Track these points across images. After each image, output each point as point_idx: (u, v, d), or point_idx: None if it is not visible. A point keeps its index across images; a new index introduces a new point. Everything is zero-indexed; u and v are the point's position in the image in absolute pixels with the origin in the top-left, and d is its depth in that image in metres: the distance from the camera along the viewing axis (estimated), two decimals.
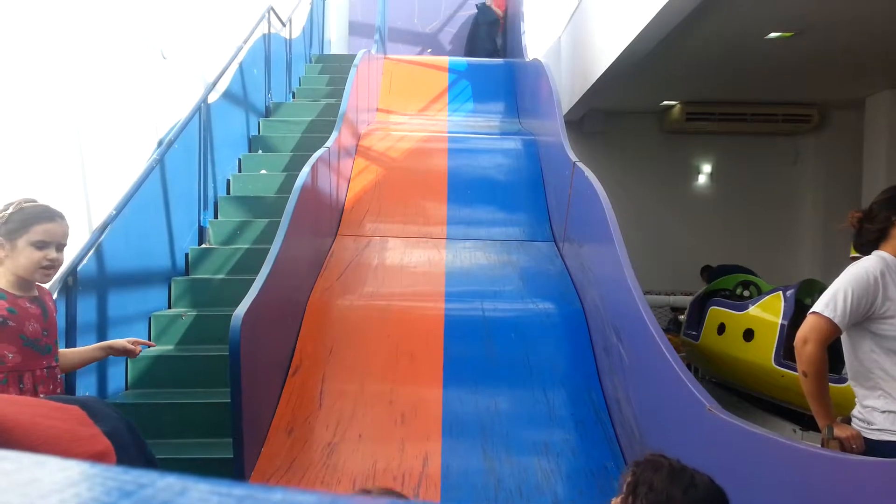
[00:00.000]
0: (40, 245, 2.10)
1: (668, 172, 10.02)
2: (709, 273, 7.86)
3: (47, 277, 2.18)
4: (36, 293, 2.23)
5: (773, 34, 6.33)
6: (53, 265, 2.16)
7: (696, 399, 2.35)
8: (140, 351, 2.46)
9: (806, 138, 9.78)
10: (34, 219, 2.10)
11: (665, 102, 9.46)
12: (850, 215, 2.40)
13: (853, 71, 7.52)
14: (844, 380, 3.29)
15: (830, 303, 2.21)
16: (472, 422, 3.26)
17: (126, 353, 2.44)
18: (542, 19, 10.93)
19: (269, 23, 6.79)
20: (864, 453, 2.17)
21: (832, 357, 2.35)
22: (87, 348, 2.51)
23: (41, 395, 2.15)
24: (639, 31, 6.04)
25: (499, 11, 9.66)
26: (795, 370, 2.45)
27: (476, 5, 9.90)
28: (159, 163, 4.30)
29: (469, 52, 9.62)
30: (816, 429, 2.37)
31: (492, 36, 9.52)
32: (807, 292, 4.94)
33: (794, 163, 9.91)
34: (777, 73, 7.73)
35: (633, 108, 9.59)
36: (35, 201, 2.18)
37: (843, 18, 5.83)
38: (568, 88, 8.98)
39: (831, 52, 6.78)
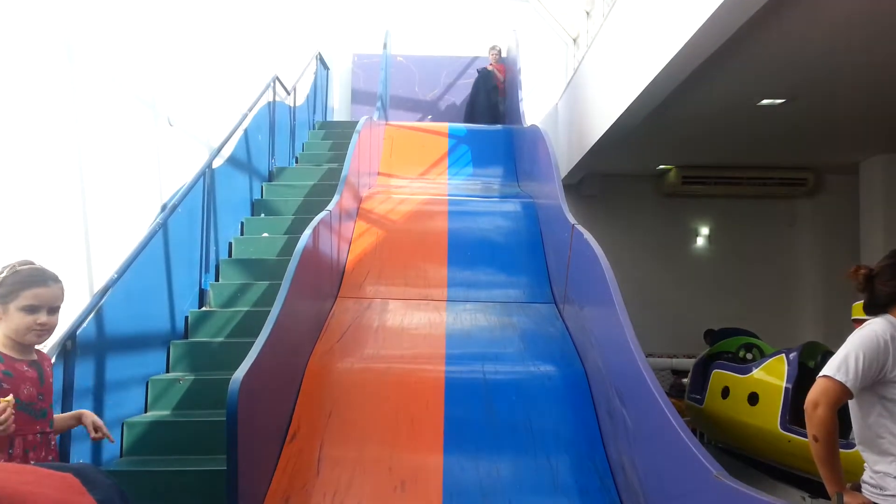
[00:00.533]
0: (30, 309, 2.11)
1: (667, 235, 10.10)
2: (712, 337, 7.81)
3: (41, 339, 2.18)
4: (34, 357, 2.22)
5: (764, 101, 6.50)
6: (45, 328, 2.15)
7: (702, 465, 2.31)
8: (97, 438, 2.36)
9: (802, 201, 9.90)
10: (25, 283, 2.12)
11: (661, 166, 9.62)
12: (856, 270, 2.40)
13: (845, 136, 7.69)
14: (852, 445, 3.24)
15: (842, 366, 2.19)
16: (474, 489, 3.18)
17: (89, 431, 2.38)
18: (539, 86, 11.24)
19: (275, 91, 6.98)
20: None
21: (840, 422, 2.31)
22: (63, 415, 2.45)
23: (32, 462, 2.11)
24: (633, 98, 6.21)
25: (500, 76, 9.89)
26: (802, 435, 2.42)
27: (477, 70, 10.12)
28: (162, 226, 4.34)
29: (469, 117, 9.78)
30: (826, 496, 2.31)
31: (492, 101, 9.71)
32: (809, 355, 4.91)
33: (790, 225, 10.00)
34: (770, 139, 7.90)
35: (629, 172, 9.75)
36: (31, 263, 2.18)
37: (832, 86, 6.00)
38: (565, 153, 9.15)
39: (822, 117, 6.94)
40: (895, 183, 8.14)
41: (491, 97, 9.62)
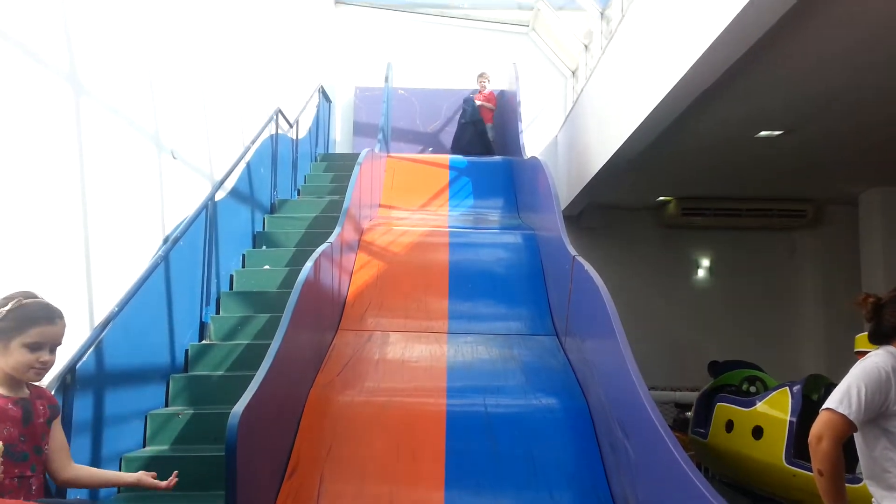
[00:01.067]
0: (34, 347, 2.04)
1: (667, 266, 10.10)
2: (715, 369, 7.76)
3: (38, 377, 2.11)
4: (25, 394, 2.11)
5: (762, 132, 6.55)
6: (46, 367, 2.10)
7: (707, 500, 2.27)
8: (169, 486, 2.30)
9: (802, 232, 9.92)
10: (33, 320, 2.05)
11: (661, 198, 9.67)
12: (864, 298, 2.40)
13: (844, 168, 7.73)
14: (859, 479, 3.19)
15: (844, 399, 2.18)
16: None
17: (154, 488, 2.33)
18: (539, 119, 11.35)
19: (277, 124, 7.05)
20: None
21: (846, 455, 2.29)
22: (112, 473, 2.42)
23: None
24: (632, 130, 6.27)
25: (488, 105, 9.71)
26: (807, 469, 2.39)
27: (464, 100, 9.85)
28: (164, 259, 4.35)
29: (456, 148, 9.52)
30: None
31: (479, 133, 9.46)
32: (813, 388, 4.87)
33: (790, 257, 10.00)
34: (769, 170, 7.94)
35: (629, 204, 9.79)
36: (35, 297, 2.12)
37: (830, 118, 6.06)
38: (565, 184, 9.20)
39: (820, 149, 6.99)
40: (895, 215, 8.17)
41: (478, 126, 9.51)
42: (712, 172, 8.11)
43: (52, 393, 2.72)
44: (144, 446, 4.05)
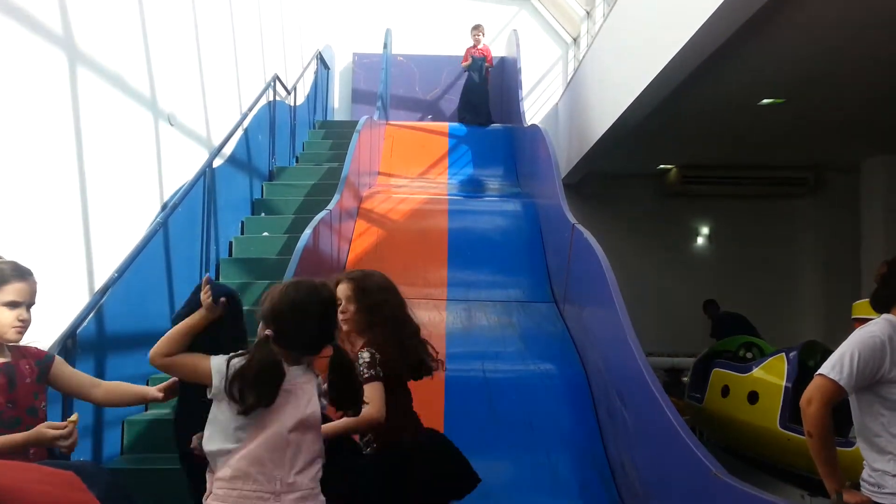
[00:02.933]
0: (12, 305, 2.04)
1: (667, 234, 10.09)
2: (712, 308, 7.79)
3: (19, 335, 2.09)
4: (8, 359, 2.08)
5: (765, 100, 6.50)
6: (26, 324, 2.09)
7: (701, 464, 2.31)
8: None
9: (803, 201, 9.90)
10: (5, 279, 2.04)
11: (662, 166, 9.62)
12: (879, 269, 2.41)
13: (845, 136, 7.68)
14: (852, 443, 3.24)
15: (837, 365, 2.21)
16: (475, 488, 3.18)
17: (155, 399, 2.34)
18: (539, 87, 11.24)
19: (275, 90, 6.98)
20: None
21: (839, 420, 2.32)
22: (136, 388, 2.38)
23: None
24: (634, 97, 6.21)
25: (488, 60, 8.85)
26: (802, 433, 2.42)
27: (472, 57, 8.86)
28: (162, 226, 4.34)
29: (465, 106, 8.79)
30: (825, 494, 2.32)
31: (484, 90, 8.76)
32: (809, 354, 4.91)
33: (791, 225, 10.00)
34: (771, 138, 7.89)
35: (630, 172, 9.74)
36: (1, 257, 2.12)
37: (832, 85, 6.00)
38: (566, 152, 9.15)
39: (822, 117, 6.94)
40: None
41: (483, 87, 8.75)
42: (714, 140, 8.06)
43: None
44: (146, 410, 4.09)
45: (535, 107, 11.13)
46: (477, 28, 8.99)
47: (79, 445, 3.30)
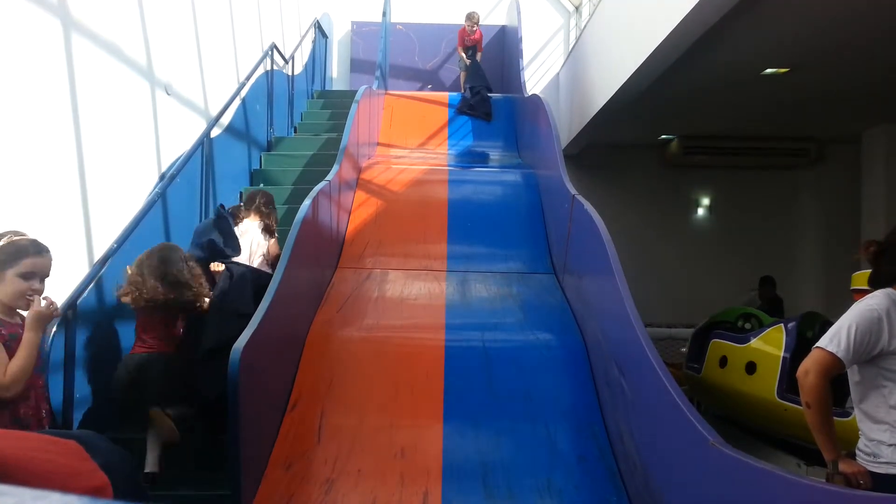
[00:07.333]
0: (27, 276, 2.28)
1: (668, 205, 10.06)
2: (768, 289, 7.55)
3: (29, 306, 2.31)
4: (18, 322, 2.35)
5: (768, 70, 6.43)
6: (36, 295, 2.32)
7: (699, 433, 2.33)
8: (49, 311, 2.32)
9: (804, 171, 9.85)
10: (24, 252, 2.28)
11: (663, 136, 9.55)
12: (867, 246, 2.41)
13: (848, 106, 7.61)
14: (849, 413, 3.26)
15: (835, 338, 2.23)
16: (473, 456, 3.22)
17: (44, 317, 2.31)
18: (540, 56, 11.10)
19: (272, 59, 6.89)
20: (871, 487, 2.15)
21: (836, 390, 2.33)
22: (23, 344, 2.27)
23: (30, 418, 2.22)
24: (636, 67, 6.13)
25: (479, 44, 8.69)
26: (799, 403, 2.44)
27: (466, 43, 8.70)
28: (161, 196, 4.32)
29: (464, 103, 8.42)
30: (822, 463, 2.34)
31: (481, 72, 8.53)
32: (808, 325, 4.92)
33: (792, 195, 9.97)
34: (773, 109, 7.82)
35: (631, 142, 9.68)
36: (25, 235, 2.34)
37: (835, 55, 5.93)
38: (566, 123, 9.07)
39: (825, 87, 6.87)
40: None
41: (479, 70, 8.55)
42: (716, 111, 7.99)
43: (54, 329, 2.92)
44: None
45: (537, 76, 11.01)
46: (471, 17, 8.67)
47: (79, 416, 3.34)
